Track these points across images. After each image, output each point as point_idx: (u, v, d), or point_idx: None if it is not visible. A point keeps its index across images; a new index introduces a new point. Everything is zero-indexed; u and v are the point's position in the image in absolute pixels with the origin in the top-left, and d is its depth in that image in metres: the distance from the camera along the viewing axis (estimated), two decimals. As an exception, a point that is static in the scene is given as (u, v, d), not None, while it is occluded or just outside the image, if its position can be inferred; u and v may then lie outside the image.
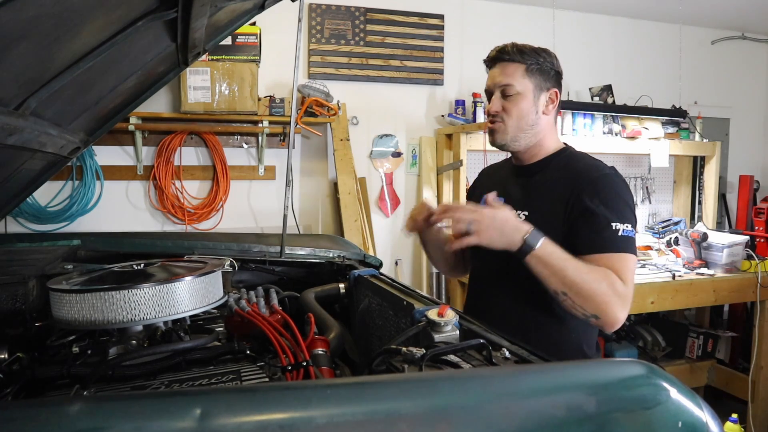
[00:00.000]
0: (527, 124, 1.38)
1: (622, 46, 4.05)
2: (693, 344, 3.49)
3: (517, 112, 1.37)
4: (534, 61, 1.37)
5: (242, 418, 0.57)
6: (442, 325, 0.98)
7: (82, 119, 1.43)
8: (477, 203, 1.38)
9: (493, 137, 1.43)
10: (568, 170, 1.37)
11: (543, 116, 1.40)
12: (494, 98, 1.40)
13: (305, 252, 1.82)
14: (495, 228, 1.20)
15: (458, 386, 0.69)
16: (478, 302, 1.50)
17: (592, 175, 1.32)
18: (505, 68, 1.38)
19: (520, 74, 1.37)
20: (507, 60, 1.38)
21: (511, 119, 1.38)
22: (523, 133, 1.39)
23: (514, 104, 1.38)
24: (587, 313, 1.19)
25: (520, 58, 1.37)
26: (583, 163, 1.38)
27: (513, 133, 1.39)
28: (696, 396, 0.71)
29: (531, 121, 1.38)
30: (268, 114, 3.05)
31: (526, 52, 1.37)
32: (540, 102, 1.39)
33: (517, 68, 1.37)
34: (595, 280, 1.18)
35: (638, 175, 3.97)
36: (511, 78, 1.37)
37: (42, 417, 0.56)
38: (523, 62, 1.37)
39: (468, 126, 3.30)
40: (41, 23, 0.74)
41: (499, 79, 1.38)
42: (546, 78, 1.39)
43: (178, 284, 1.05)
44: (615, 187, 1.31)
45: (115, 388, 0.92)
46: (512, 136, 1.39)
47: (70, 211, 2.88)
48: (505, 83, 1.37)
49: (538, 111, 1.39)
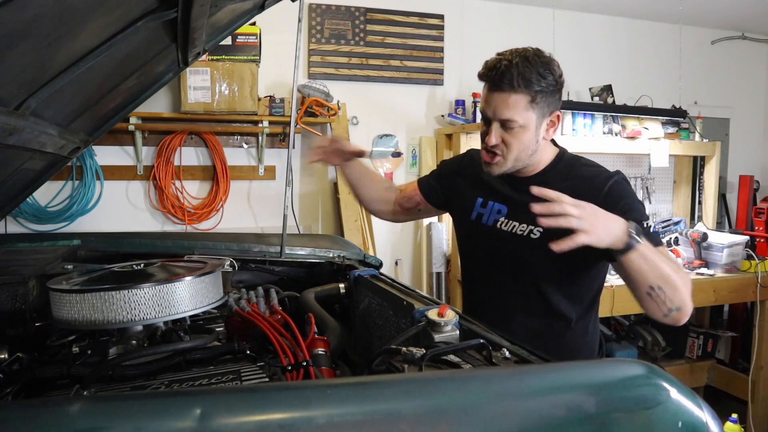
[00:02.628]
0: (527, 154, 1.30)
1: (621, 46, 4.05)
2: (693, 344, 3.49)
3: (518, 145, 1.27)
4: (540, 88, 1.23)
5: (242, 418, 0.58)
6: (442, 325, 0.98)
7: (82, 119, 1.43)
8: (452, 182, 1.37)
9: (490, 168, 1.33)
10: (575, 180, 1.31)
11: (543, 141, 1.31)
12: (493, 129, 1.27)
13: (305, 252, 1.82)
14: (602, 225, 1.08)
15: (458, 386, 0.69)
16: (483, 308, 1.44)
17: (605, 183, 1.28)
18: (508, 99, 1.23)
19: (523, 106, 1.24)
20: (509, 90, 1.23)
21: (511, 153, 1.28)
22: (522, 162, 1.31)
23: (515, 138, 1.27)
24: (673, 306, 1.13)
25: (524, 89, 1.22)
26: (587, 171, 1.34)
27: (511, 164, 1.31)
28: (696, 396, 0.71)
29: (531, 150, 1.30)
30: (268, 114, 3.05)
31: (531, 81, 1.22)
32: (541, 130, 1.29)
33: (520, 100, 1.23)
34: (677, 269, 1.14)
35: (638, 175, 3.97)
36: (514, 112, 1.24)
37: (42, 417, 0.56)
38: (527, 92, 1.23)
39: (468, 126, 3.30)
40: (41, 23, 0.74)
41: (500, 112, 1.25)
42: (549, 103, 1.27)
43: (178, 284, 1.05)
44: (629, 190, 1.31)
45: (115, 388, 0.92)
46: (511, 166, 1.31)
47: (70, 211, 2.88)
48: (508, 117, 1.24)
49: (539, 139, 1.30)
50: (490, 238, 1.39)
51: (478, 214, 1.43)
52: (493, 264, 1.41)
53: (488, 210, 1.41)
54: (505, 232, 1.36)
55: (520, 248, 1.33)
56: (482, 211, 1.43)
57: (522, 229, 1.34)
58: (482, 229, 1.41)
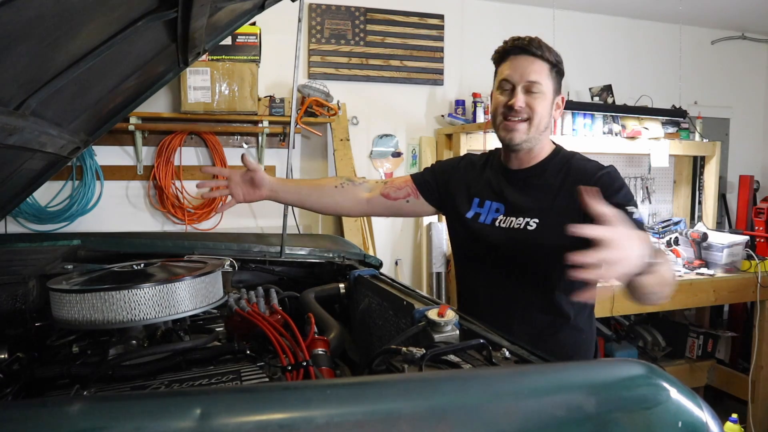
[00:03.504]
0: (543, 125, 1.34)
1: (621, 46, 4.05)
2: (693, 344, 3.49)
3: (540, 111, 1.32)
4: (556, 62, 1.33)
5: (242, 418, 0.57)
6: (442, 325, 0.98)
7: (82, 119, 1.43)
8: (447, 181, 1.36)
9: (512, 135, 1.33)
10: (571, 174, 1.34)
11: (550, 123, 1.37)
12: (519, 93, 1.31)
13: (305, 252, 1.82)
14: (631, 256, 0.96)
15: (458, 386, 0.69)
16: (481, 306, 1.44)
17: (596, 172, 1.32)
18: (533, 63, 1.31)
19: (546, 73, 1.31)
20: (536, 55, 1.31)
21: (535, 116, 1.31)
22: (539, 135, 1.34)
23: (539, 102, 1.31)
24: (662, 298, 1.11)
25: (548, 56, 1.31)
26: (583, 164, 1.36)
27: (533, 132, 1.33)
28: (696, 396, 0.71)
29: (546, 123, 1.35)
30: (268, 114, 3.05)
31: (552, 51, 1.32)
32: (553, 106, 1.36)
33: (543, 66, 1.31)
34: (665, 261, 1.10)
35: (638, 175, 3.97)
36: (539, 75, 1.30)
37: (42, 417, 0.56)
38: (549, 62, 1.31)
39: (468, 126, 3.30)
40: (41, 23, 0.74)
41: (529, 73, 1.30)
42: (559, 82, 1.36)
43: (178, 284, 1.05)
44: (620, 180, 1.32)
45: (115, 388, 0.92)
46: (531, 136, 1.33)
47: (70, 211, 2.88)
48: (534, 80, 1.30)
49: (552, 113, 1.36)
50: (488, 236, 1.39)
51: (475, 213, 1.43)
52: (490, 261, 1.41)
53: (486, 209, 1.42)
54: (503, 229, 1.37)
55: (517, 242, 1.34)
56: (479, 210, 1.43)
57: (518, 223, 1.35)
58: (480, 228, 1.41)
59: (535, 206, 1.35)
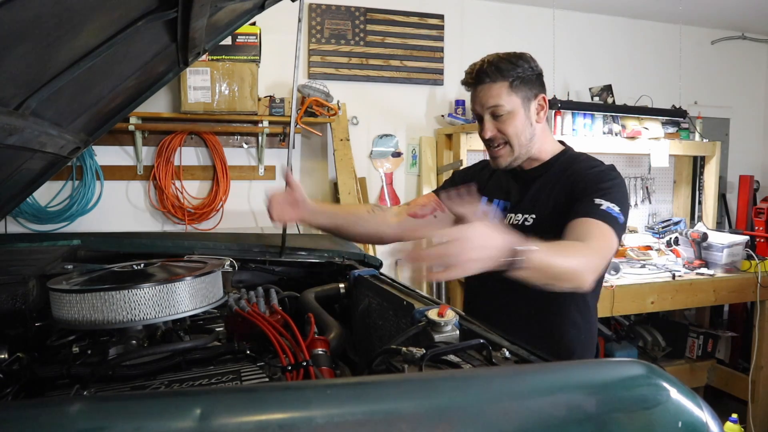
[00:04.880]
0: (525, 139, 1.37)
1: (621, 46, 4.04)
2: (693, 344, 3.49)
3: (513, 130, 1.35)
4: (514, 74, 1.33)
5: (242, 418, 0.57)
6: (442, 325, 0.98)
7: (82, 119, 1.43)
8: (469, 190, 1.37)
9: (498, 161, 1.40)
10: (570, 171, 1.37)
11: (537, 125, 1.39)
12: (486, 122, 1.36)
13: (305, 252, 1.82)
14: (473, 255, 0.95)
15: (458, 386, 0.69)
16: (482, 307, 1.45)
17: (590, 170, 1.34)
18: (490, 89, 1.34)
19: (505, 92, 1.33)
20: (488, 81, 1.34)
21: (511, 140, 1.36)
22: (524, 149, 1.38)
23: (508, 124, 1.35)
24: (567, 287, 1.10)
25: (500, 76, 1.33)
26: (585, 163, 1.39)
27: (517, 152, 1.37)
28: (696, 396, 0.71)
29: (528, 134, 1.37)
30: (268, 114, 3.05)
31: (504, 68, 1.33)
32: (531, 113, 1.37)
33: (500, 87, 1.33)
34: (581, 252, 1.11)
35: (638, 175, 3.97)
36: (497, 98, 1.33)
37: (42, 417, 0.56)
38: (504, 79, 1.33)
39: (468, 126, 3.30)
40: (41, 23, 0.74)
41: (487, 99, 1.35)
42: (531, 86, 1.36)
43: (178, 284, 1.05)
44: (609, 176, 1.31)
45: (115, 388, 0.92)
46: (517, 154, 1.38)
47: (70, 211, 2.88)
48: (493, 104, 1.34)
49: (532, 123, 1.38)
50: None
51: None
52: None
53: (491, 209, 1.46)
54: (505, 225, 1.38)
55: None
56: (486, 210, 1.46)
57: (518, 219, 1.39)
58: None
59: (534, 203, 1.39)
